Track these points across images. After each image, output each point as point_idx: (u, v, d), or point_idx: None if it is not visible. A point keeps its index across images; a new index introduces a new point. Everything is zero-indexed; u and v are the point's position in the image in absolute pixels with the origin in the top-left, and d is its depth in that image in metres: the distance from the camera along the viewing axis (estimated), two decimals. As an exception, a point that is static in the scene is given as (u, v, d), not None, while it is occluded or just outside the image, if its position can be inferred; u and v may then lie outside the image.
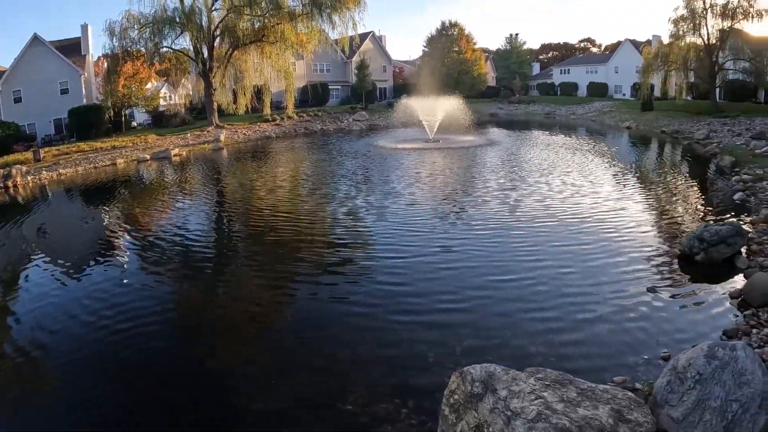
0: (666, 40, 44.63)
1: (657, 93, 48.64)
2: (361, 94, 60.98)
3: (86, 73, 46.86)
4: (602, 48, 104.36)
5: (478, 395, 4.11)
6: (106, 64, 43.79)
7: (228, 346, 7.53)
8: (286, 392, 6.06)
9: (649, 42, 61.16)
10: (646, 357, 6.24)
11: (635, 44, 68.72)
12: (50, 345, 7.68)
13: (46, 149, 34.88)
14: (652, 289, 8.21)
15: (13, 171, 26.91)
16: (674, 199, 15.24)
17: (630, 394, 4.21)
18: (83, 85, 46.09)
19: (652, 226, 12.33)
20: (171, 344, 7.69)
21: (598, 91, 72.01)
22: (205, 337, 7.85)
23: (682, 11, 41.07)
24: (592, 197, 15.05)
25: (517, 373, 4.22)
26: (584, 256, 9.92)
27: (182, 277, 10.59)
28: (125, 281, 10.09)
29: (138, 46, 40.39)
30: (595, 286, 8.52)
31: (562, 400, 3.84)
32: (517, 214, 13.32)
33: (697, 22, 40.14)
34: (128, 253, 12.33)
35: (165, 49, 42.13)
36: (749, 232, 10.38)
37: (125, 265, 11.23)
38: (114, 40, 39.05)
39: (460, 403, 4.23)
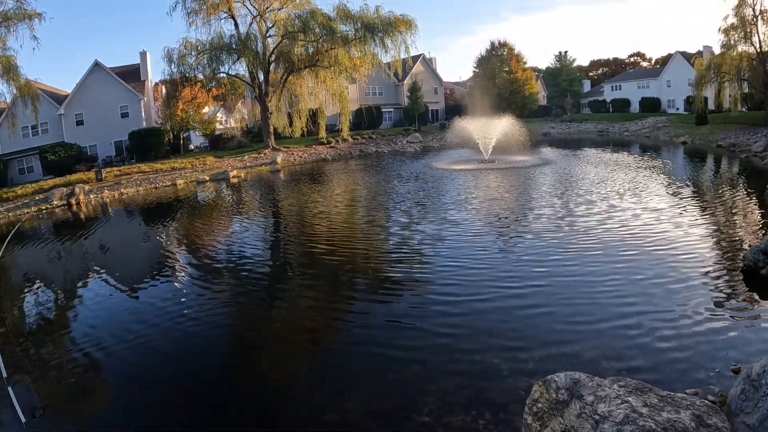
0: (717, 51, 43.80)
1: (711, 105, 47.53)
2: (414, 116, 61.81)
3: (145, 98, 49.07)
4: (652, 62, 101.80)
5: (563, 402, 4.40)
6: (164, 89, 45.81)
7: (296, 361, 7.80)
8: (357, 404, 6.26)
9: (700, 53, 59.80)
10: (716, 370, 6.41)
11: (686, 56, 67.26)
12: (108, 358, 8.09)
13: (108, 169, 36.90)
14: (719, 304, 8.34)
15: (77, 189, 28.72)
16: (735, 213, 15.10)
17: (707, 401, 4.43)
18: (142, 109, 48.30)
19: (716, 242, 12.28)
20: (235, 358, 8.06)
21: (651, 106, 70.23)
22: (270, 353, 8.11)
23: (732, 20, 40.42)
24: (653, 215, 14.94)
25: (601, 380, 4.52)
26: (649, 274, 10.01)
27: (240, 294, 10.90)
28: (183, 298, 10.51)
29: (195, 72, 42.20)
30: (661, 303, 8.65)
31: (646, 405, 4.13)
32: (583, 237, 12.96)
33: (748, 30, 39.41)
34: (188, 270, 12.81)
35: (222, 75, 43.77)
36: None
37: (184, 283, 11.64)
38: (172, 66, 41.12)
39: (543, 411, 4.48)
